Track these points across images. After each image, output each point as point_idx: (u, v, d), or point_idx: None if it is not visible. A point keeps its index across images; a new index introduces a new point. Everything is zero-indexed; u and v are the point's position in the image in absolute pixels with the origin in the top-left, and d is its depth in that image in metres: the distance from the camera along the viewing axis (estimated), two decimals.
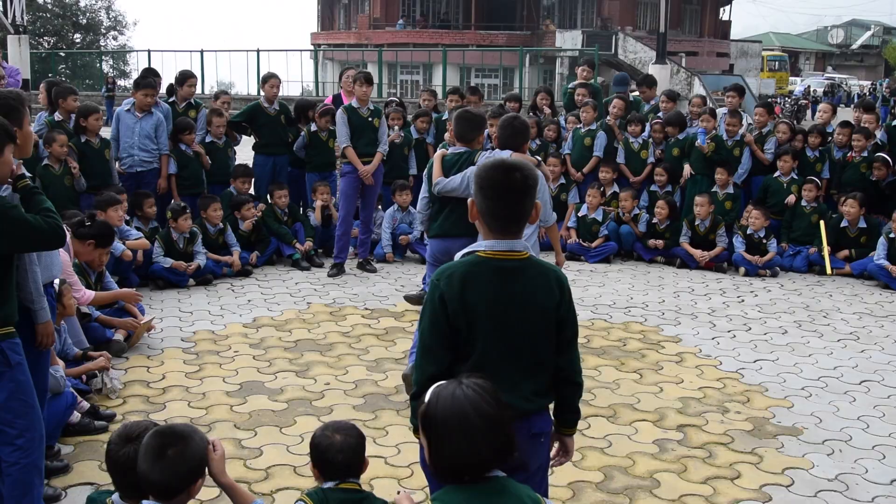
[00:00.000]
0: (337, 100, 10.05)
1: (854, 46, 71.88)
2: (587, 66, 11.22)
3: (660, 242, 9.41)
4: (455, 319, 2.71)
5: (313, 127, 9.35)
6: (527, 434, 2.80)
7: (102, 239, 6.11)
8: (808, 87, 43.54)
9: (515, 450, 2.18)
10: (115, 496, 2.73)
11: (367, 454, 2.97)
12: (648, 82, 11.30)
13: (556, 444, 3.08)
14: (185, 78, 9.44)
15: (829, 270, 8.99)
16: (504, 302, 2.73)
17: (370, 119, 8.36)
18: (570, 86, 11.39)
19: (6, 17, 19.63)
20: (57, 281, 4.81)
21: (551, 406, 2.97)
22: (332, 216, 9.30)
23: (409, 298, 7.18)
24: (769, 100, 23.66)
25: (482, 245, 2.78)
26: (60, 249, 5.17)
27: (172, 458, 2.48)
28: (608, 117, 10.29)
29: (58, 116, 8.28)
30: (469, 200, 2.84)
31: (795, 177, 9.62)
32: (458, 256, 2.82)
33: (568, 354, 2.89)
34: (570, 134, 10.26)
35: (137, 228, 7.89)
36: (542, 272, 2.80)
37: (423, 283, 6.83)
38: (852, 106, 11.71)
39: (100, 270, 6.30)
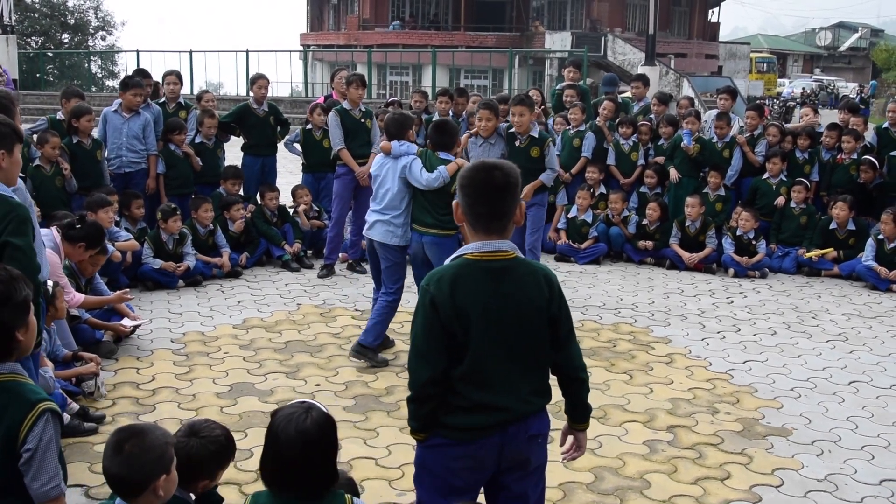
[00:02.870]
0: (329, 101, 10.03)
1: (842, 49, 72.08)
2: (573, 66, 11.23)
3: (649, 244, 9.43)
4: (449, 323, 2.70)
5: (308, 125, 9.33)
6: (524, 436, 2.81)
7: (93, 240, 6.08)
8: (804, 89, 43.26)
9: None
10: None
11: (345, 458, 2.96)
12: (644, 80, 11.28)
13: (569, 439, 3.09)
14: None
15: (814, 257, 9.07)
16: (496, 303, 2.73)
17: (362, 120, 8.36)
18: (557, 87, 11.41)
19: None
20: (51, 283, 4.80)
21: (548, 406, 2.96)
22: (320, 214, 9.31)
23: None
24: (758, 101, 23.73)
25: (470, 247, 2.78)
26: (49, 251, 5.17)
27: (130, 452, 2.55)
28: (598, 119, 10.30)
29: (60, 116, 8.24)
30: (454, 203, 2.85)
31: (784, 178, 9.66)
32: (447, 261, 2.83)
33: (566, 351, 2.89)
34: (559, 135, 10.27)
35: (126, 229, 7.86)
36: (531, 271, 2.81)
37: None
38: (838, 108, 11.71)
39: (91, 276, 6.28)
